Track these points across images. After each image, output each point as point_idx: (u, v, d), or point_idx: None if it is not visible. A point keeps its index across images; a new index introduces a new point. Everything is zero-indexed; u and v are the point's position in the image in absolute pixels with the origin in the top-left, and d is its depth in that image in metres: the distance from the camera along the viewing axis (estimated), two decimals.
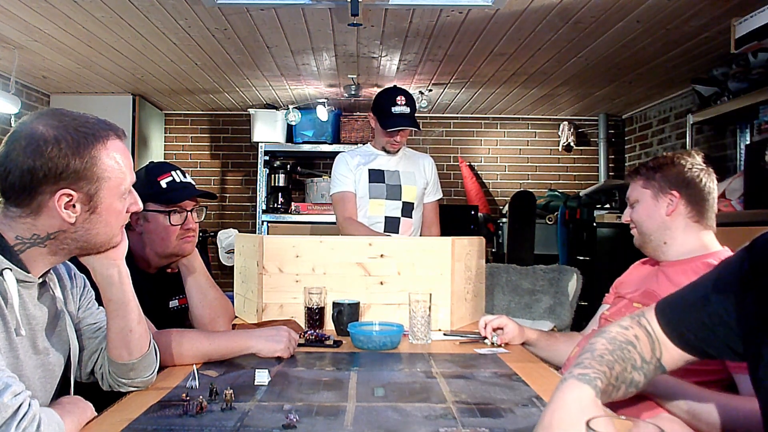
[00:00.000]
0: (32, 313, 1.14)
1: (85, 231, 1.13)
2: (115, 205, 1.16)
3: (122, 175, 1.15)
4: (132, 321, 1.25)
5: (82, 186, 1.10)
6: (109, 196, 1.14)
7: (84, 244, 1.15)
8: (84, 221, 1.13)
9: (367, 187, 2.91)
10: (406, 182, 2.95)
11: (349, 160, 2.97)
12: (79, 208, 1.11)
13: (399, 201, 2.93)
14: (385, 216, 2.92)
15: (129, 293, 1.25)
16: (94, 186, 1.11)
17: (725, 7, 2.91)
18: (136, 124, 5.07)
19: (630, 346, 1.03)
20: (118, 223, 1.19)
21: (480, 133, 5.81)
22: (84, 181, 1.10)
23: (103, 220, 1.14)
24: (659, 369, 1.05)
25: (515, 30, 3.32)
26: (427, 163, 3.07)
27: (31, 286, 1.14)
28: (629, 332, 1.06)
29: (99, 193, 1.12)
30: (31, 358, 1.12)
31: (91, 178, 1.11)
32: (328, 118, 5.07)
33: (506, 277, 3.28)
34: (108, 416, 1.15)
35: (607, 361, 0.99)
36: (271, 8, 3.05)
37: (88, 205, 1.12)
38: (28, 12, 3.08)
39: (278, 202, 5.21)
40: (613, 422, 0.82)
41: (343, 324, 1.93)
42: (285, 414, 1.12)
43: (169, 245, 1.77)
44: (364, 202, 2.93)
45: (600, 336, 1.06)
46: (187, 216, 1.79)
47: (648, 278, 1.72)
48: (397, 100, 2.83)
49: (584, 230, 4.74)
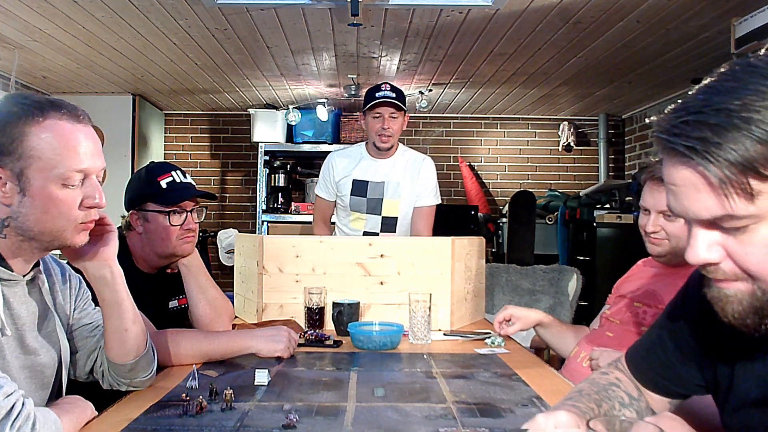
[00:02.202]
0: (18, 313, 1.12)
1: (24, 217, 1.07)
2: (50, 190, 1.07)
3: (56, 157, 1.06)
4: (127, 321, 1.25)
5: (6, 162, 1.05)
6: (40, 178, 1.06)
7: (30, 233, 1.08)
8: (19, 204, 1.07)
9: (349, 198, 2.85)
10: (389, 195, 2.82)
11: (336, 165, 2.88)
12: (9, 189, 1.06)
13: (379, 216, 2.84)
14: (363, 231, 2.85)
15: (123, 293, 1.24)
16: (19, 164, 1.05)
17: (725, 7, 2.91)
18: (136, 124, 5.07)
19: (614, 387, 1.03)
20: (63, 215, 1.09)
21: (480, 133, 5.81)
22: (7, 157, 1.05)
23: (39, 205, 1.07)
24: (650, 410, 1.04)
25: (515, 30, 3.32)
26: (426, 166, 2.89)
27: (14, 284, 1.12)
28: (610, 376, 1.07)
29: (26, 173, 1.06)
30: (18, 358, 1.11)
31: (14, 155, 1.05)
32: (328, 118, 5.07)
33: (506, 277, 3.28)
34: (108, 416, 1.15)
35: (594, 399, 0.99)
36: (271, 8, 3.05)
37: (17, 185, 1.06)
38: (28, 12, 3.08)
39: (278, 202, 5.21)
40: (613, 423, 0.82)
41: (343, 324, 1.93)
42: (285, 414, 1.12)
43: (168, 245, 1.76)
44: (347, 213, 2.89)
45: (583, 382, 1.07)
46: (186, 216, 1.78)
47: (652, 279, 1.71)
48: (381, 87, 2.80)
49: (584, 230, 4.74)
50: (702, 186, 0.70)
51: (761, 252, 0.71)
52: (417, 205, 2.87)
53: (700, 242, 0.74)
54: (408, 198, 2.85)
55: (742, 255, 0.72)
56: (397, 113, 2.78)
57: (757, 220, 0.70)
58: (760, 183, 0.68)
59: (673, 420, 1.08)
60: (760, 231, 0.70)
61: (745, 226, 0.70)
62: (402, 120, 2.81)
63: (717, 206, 0.70)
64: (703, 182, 0.70)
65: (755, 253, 0.71)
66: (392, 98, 2.75)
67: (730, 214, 0.70)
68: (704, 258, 0.74)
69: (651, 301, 1.65)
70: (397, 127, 2.79)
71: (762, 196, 0.68)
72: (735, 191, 0.68)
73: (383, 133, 2.76)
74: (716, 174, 0.68)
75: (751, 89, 0.69)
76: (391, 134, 2.78)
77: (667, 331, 1.02)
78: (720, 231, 0.73)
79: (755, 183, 0.68)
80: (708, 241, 0.74)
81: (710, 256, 0.74)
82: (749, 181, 0.68)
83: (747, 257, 0.72)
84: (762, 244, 0.70)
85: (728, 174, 0.68)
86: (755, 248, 0.71)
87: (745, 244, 0.71)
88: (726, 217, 0.70)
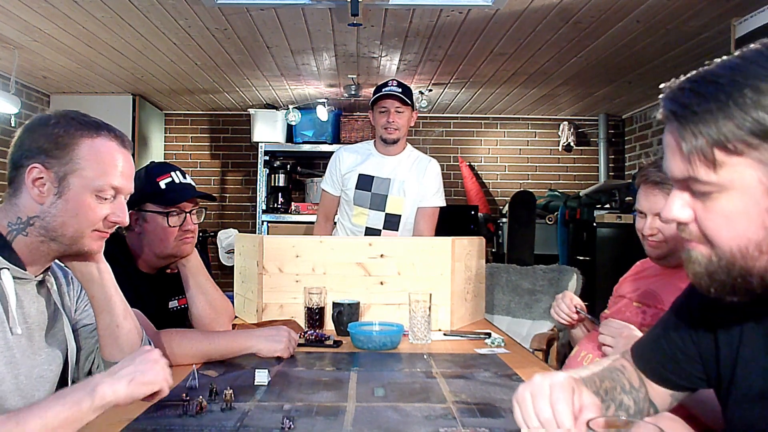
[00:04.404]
0: (29, 312, 1.14)
1: (52, 217, 1.13)
2: (85, 199, 1.14)
3: (100, 171, 1.15)
4: (118, 316, 1.26)
5: (53, 164, 1.12)
6: (80, 185, 1.14)
7: (53, 234, 1.14)
8: (51, 205, 1.13)
9: (353, 192, 2.86)
10: (394, 192, 2.83)
11: (343, 159, 2.91)
12: (47, 189, 1.13)
13: (382, 212, 2.84)
14: (366, 226, 2.84)
15: (111, 289, 1.25)
16: (65, 169, 1.13)
17: (725, 7, 2.91)
18: (136, 124, 5.07)
19: (617, 372, 1.05)
20: (89, 221, 1.16)
21: (480, 133, 5.81)
22: (55, 161, 1.13)
23: (70, 209, 1.13)
24: (649, 403, 1.06)
25: (515, 30, 3.32)
26: (431, 167, 2.90)
27: (26, 283, 1.14)
28: (616, 362, 1.09)
29: (69, 178, 1.13)
30: (25, 356, 1.12)
31: (63, 160, 1.13)
32: (328, 118, 5.07)
33: (506, 277, 3.27)
34: (108, 416, 1.14)
35: (598, 374, 1.01)
36: (271, 8, 3.05)
37: (56, 188, 1.13)
38: (28, 12, 3.08)
39: (278, 202, 5.21)
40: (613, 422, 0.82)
41: (343, 324, 1.93)
42: (281, 419, 1.11)
43: (167, 246, 1.76)
44: (350, 208, 2.89)
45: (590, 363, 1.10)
46: (185, 217, 1.78)
47: (652, 279, 1.71)
48: (389, 83, 2.83)
49: (584, 230, 4.74)
50: (675, 148, 0.78)
51: (719, 220, 0.77)
52: (421, 206, 2.88)
53: (674, 201, 0.82)
54: (413, 197, 2.86)
55: (704, 220, 0.79)
56: (403, 108, 2.79)
57: (720, 190, 0.76)
58: (726, 156, 0.74)
59: (673, 421, 1.08)
60: (721, 201, 0.76)
61: (709, 193, 0.77)
62: (408, 115, 2.83)
63: (683, 168, 0.78)
64: (676, 145, 0.78)
65: (714, 219, 0.78)
66: (398, 92, 2.77)
67: (694, 177, 0.77)
68: (675, 215, 0.81)
69: (651, 301, 1.65)
70: (403, 122, 2.80)
71: (725, 167, 0.74)
72: (699, 158, 0.75)
73: (389, 126, 2.78)
74: (687, 140, 0.76)
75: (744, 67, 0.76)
76: (397, 127, 2.79)
77: (673, 325, 1.03)
78: (690, 194, 0.80)
79: (720, 155, 0.74)
80: (681, 201, 0.81)
81: (680, 215, 0.81)
82: (714, 152, 0.74)
83: (707, 222, 0.79)
84: (721, 213, 0.77)
85: (696, 144, 0.75)
86: (714, 215, 0.78)
87: (708, 210, 0.78)
88: (691, 179, 0.77)
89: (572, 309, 1.83)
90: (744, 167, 0.74)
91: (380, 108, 2.80)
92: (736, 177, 0.74)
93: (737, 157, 0.73)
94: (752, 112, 0.72)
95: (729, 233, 0.77)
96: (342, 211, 2.97)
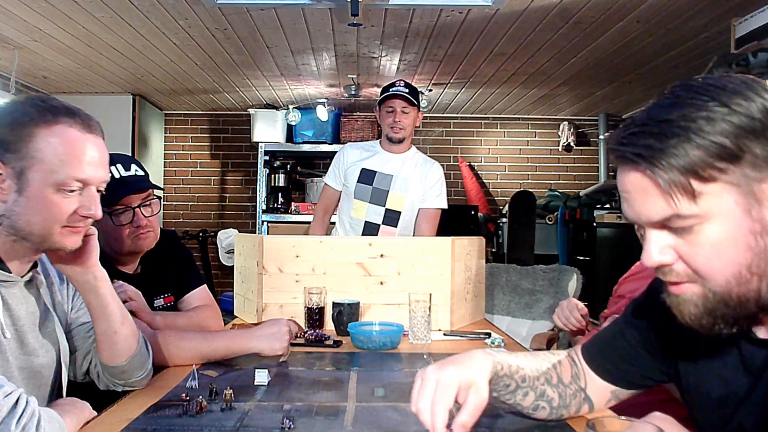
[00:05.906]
0: (17, 314, 1.12)
1: (17, 216, 1.07)
2: (46, 194, 1.07)
3: (58, 162, 1.07)
4: (115, 323, 1.23)
5: (9, 159, 1.06)
6: (39, 180, 1.06)
7: (21, 233, 1.08)
8: (14, 203, 1.07)
9: (354, 186, 2.88)
10: (396, 189, 2.86)
11: (348, 153, 2.95)
12: (7, 186, 1.06)
13: (382, 207, 2.86)
14: (365, 220, 2.86)
15: (107, 296, 1.22)
16: (21, 164, 1.06)
17: (725, 7, 2.91)
18: (136, 124, 5.07)
19: (549, 365, 1.09)
20: (54, 218, 1.08)
21: (480, 133, 5.81)
22: (12, 155, 1.06)
23: (32, 206, 1.06)
24: (583, 398, 1.09)
25: (515, 30, 3.32)
26: (435, 169, 2.95)
27: (12, 285, 1.12)
28: (554, 357, 1.12)
29: (27, 173, 1.06)
30: (18, 359, 1.10)
31: (19, 154, 1.06)
32: (328, 118, 5.07)
33: (506, 277, 3.27)
34: (108, 416, 1.15)
35: (522, 362, 1.05)
36: (271, 8, 3.05)
37: (16, 185, 1.06)
38: (28, 12, 3.08)
39: (278, 202, 5.21)
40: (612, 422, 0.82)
41: (343, 324, 1.93)
42: (281, 419, 1.11)
43: (123, 244, 1.68)
44: (350, 202, 2.91)
45: None
46: (134, 213, 1.67)
47: (652, 279, 1.71)
48: (396, 83, 2.88)
49: (584, 230, 4.74)
50: (650, 188, 0.77)
51: (707, 251, 0.76)
52: (422, 207, 2.91)
53: (653, 245, 0.79)
54: (414, 195, 2.89)
55: (692, 255, 0.78)
56: (409, 108, 2.84)
57: (702, 220, 0.75)
58: (701, 184, 0.74)
59: (665, 421, 1.08)
60: (704, 231, 0.76)
61: (691, 227, 0.76)
62: (414, 115, 2.89)
63: (665, 207, 0.76)
64: (651, 184, 0.76)
65: (702, 252, 0.77)
66: (405, 92, 2.82)
67: (677, 214, 0.76)
68: (658, 260, 0.79)
69: None
70: (409, 122, 2.86)
71: (703, 196, 0.74)
72: (679, 191, 0.75)
73: (395, 125, 2.84)
74: (662, 176, 0.75)
75: (688, 103, 0.76)
76: (403, 127, 2.85)
77: (633, 326, 1.06)
78: (670, 232, 0.79)
79: (696, 184, 0.74)
80: (660, 244, 0.79)
81: (663, 258, 0.79)
82: (690, 182, 0.74)
83: (695, 257, 0.77)
84: (707, 243, 0.76)
85: (672, 176, 0.74)
86: (702, 248, 0.76)
87: (693, 244, 0.77)
88: (674, 217, 0.76)
89: (581, 320, 1.84)
90: (720, 192, 0.75)
91: (387, 107, 2.85)
92: (715, 203, 0.75)
93: (712, 184, 0.74)
94: (712, 137, 0.73)
95: (720, 262, 0.76)
96: (342, 206, 2.99)
